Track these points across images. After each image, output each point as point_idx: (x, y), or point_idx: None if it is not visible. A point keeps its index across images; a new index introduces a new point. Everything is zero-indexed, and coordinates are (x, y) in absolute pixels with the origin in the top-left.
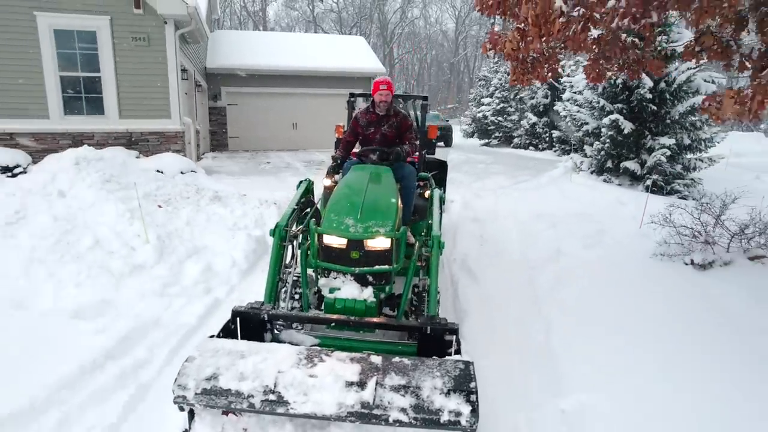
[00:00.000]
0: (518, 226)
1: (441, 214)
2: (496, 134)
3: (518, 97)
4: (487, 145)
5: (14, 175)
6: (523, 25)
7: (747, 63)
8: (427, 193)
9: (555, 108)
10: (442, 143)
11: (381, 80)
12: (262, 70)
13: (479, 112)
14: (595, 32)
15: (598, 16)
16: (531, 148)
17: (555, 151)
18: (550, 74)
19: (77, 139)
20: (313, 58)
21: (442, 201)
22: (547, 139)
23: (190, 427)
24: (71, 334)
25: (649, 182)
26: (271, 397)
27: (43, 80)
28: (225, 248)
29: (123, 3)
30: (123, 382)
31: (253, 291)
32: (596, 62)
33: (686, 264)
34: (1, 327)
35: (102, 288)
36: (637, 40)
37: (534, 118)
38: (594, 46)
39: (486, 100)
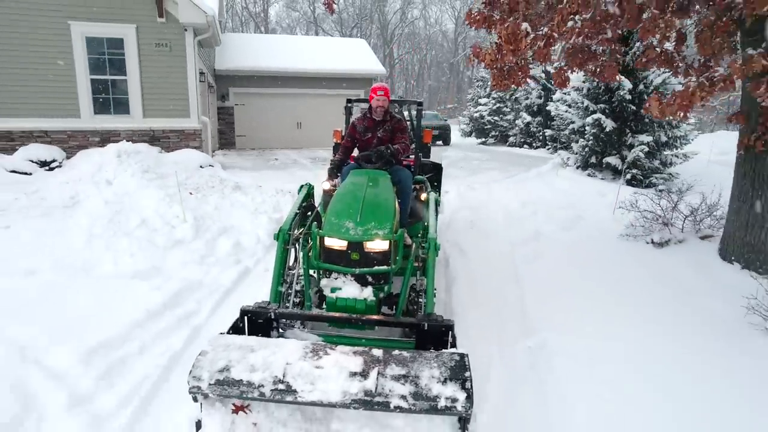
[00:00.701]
0: (505, 213)
1: (437, 216)
2: (493, 133)
3: (513, 97)
4: (484, 143)
5: (51, 169)
6: (498, 41)
7: (690, 71)
8: (423, 196)
9: (548, 108)
10: (440, 142)
11: (378, 86)
12: (268, 71)
13: (476, 112)
14: (557, 46)
15: (557, 35)
16: (525, 146)
17: (548, 149)
18: (523, 80)
19: (105, 137)
20: (316, 60)
21: (437, 203)
22: (541, 137)
23: (201, 411)
24: (134, 291)
25: (629, 176)
26: (281, 386)
27: (75, 83)
28: (250, 228)
29: (148, 12)
30: (180, 325)
31: (270, 260)
32: (561, 70)
33: (647, 243)
34: (77, 286)
35: (151, 257)
36: (600, 49)
37: (528, 118)
38: (557, 58)
39: (483, 101)
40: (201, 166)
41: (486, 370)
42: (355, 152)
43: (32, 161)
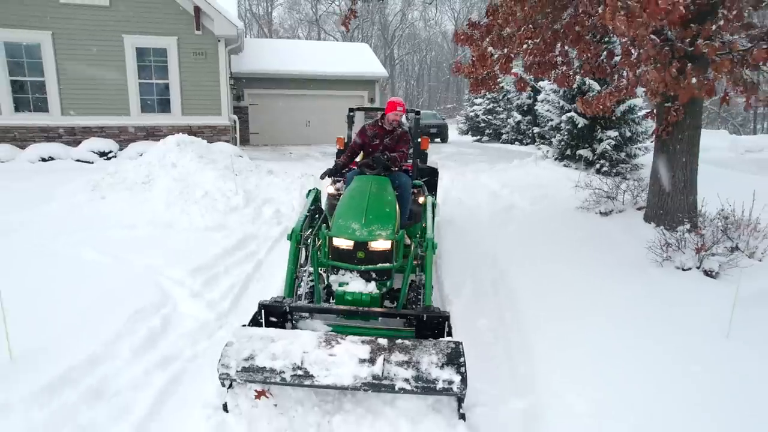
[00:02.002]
0: (488, 193)
1: (434, 218)
2: (487, 131)
3: (506, 98)
4: (479, 141)
5: (108, 158)
6: (473, 58)
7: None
8: (421, 200)
9: (536, 108)
10: (438, 139)
11: (397, 102)
12: (279, 74)
13: (472, 112)
14: (518, 62)
15: (513, 55)
16: (517, 143)
17: (536, 146)
18: (493, 87)
19: (150, 132)
20: (323, 63)
21: (434, 206)
22: (530, 134)
23: (227, 395)
24: (210, 238)
25: (598, 166)
26: (299, 372)
27: (127, 86)
28: (285, 200)
29: (187, 26)
30: (247, 258)
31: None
32: (521, 79)
33: (596, 213)
34: (168, 235)
35: (216, 218)
36: (559, 60)
37: (519, 117)
38: (518, 71)
39: (478, 101)
40: (237, 156)
41: (462, 285)
42: (358, 157)
43: (93, 152)
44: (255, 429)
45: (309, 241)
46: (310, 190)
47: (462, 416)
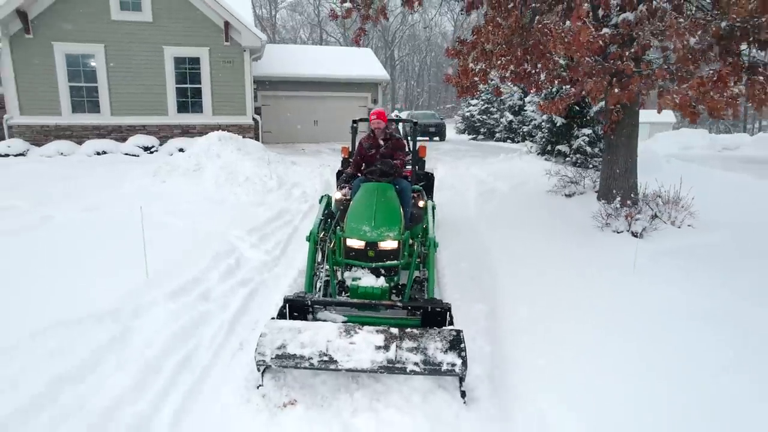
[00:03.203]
0: (476, 181)
1: (434, 220)
2: (482, 130)
3: (499, 99)
4: (474, 139)
5: (151, 152)
6: (459, 71)
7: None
8: (420, 203)
9: (525, 108)
10: (437, 138)
11: (374, 111)
12: (290, 77)
13: (468, 112)
14: (494, 73)
15: (488, 69)
16: (509, 141)
17: (526, 143)
18: (477, 94)
19: (184, 129)
20: (330, 67)
21: (433, 209)
22: (521, 133)
23: (262, 381)
24: (255, 211)
25: (574, 159)
26: (325, 358)
27: (165, 90)
28: (309, 183)
29: (217, 39)
30: (286, 225)
31: None
32: (498, 87)
33: (562, 195)
34: (221, 209)
35: (257, 196)
36: (531, 71)
37: (511, 117)
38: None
39: (474, 102)
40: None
41: (450, 242)
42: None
43: (138, 146)
44: (293, 400)
45: (325, 242)
46: (322, 197)
47: (463, 393)
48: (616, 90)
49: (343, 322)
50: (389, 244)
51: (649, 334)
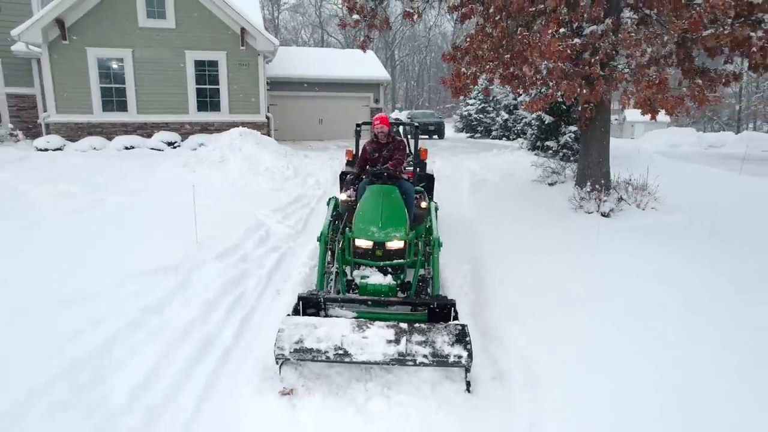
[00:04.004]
0: (469, 172)
1: (437, 220)
2: (479, 128)
3: (495, 98)
4: (471, 137)
5: (174, 147)
6: (453, 74)
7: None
8: (423, 204)
9: (518, 107)
10: (436, 136)
11: (377, 117)
12: (296, 78)
13: (465, 111)
14: (484, 76)
15: (478, 73)
16: (504, 138)
17: (518, 140)
18: (469, 94)
19: (204, 126)
20: (334, 68)
21: (436, 210)
22: (515, 131)
23: (281, 375)
24: (276, 195)
25: (561, 154)
26: (340, 351)
27: (187, 90)
28: (321, 173)
29: (234, 43)
30: (303, 206)
31: (335, 189)
32: (487, 88)
33: (545, 184)
34: (246, 193)
35: (277, 184)
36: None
37: (506, 115)
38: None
39: (471, 101)
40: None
41: (445, 222)
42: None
43: (163, 142)
44: (311, 390)
45: (335, 242)
46: (330, 199)
47: (468, 384)
48: (585, 91)
49: (353, 318)
50: (396, 244)
51: (599, 282)
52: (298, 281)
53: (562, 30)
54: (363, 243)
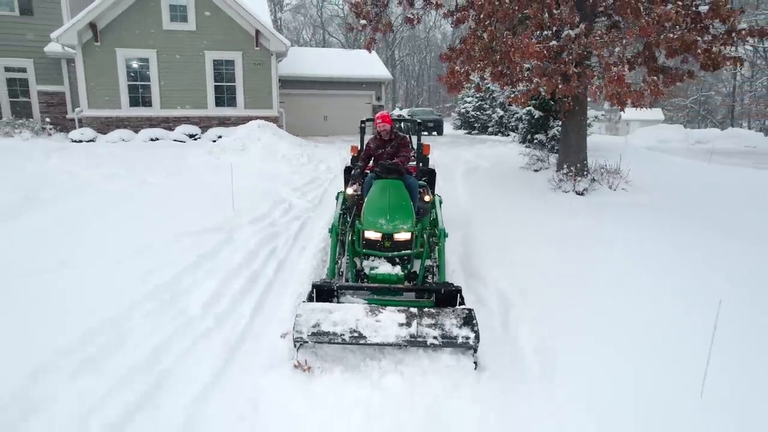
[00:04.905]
0: (464, 161)
1: (441, 212)
2: (476, 125)
3: (491, 96)
4: (469, 133)
5: (195, 139)
6: (448, 71)
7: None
8: (426, 198)
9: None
10: (435, 133)
11: (379, 115)
12: (302, 77)
13: (463, 109)
14: (475, 74)
15: (470, 71)
16: (499, 134)
17: (511, 134)
18: (461, 90)
19: (221, 120)
20: (338, 68)
21: (440, 203)
22: (510, 126)
23: (297, 357)
24: (293, 178)
25: (550, 146)
26: (355, 334)
27: (206, 87)
28: (331, 160)
29: (249, 44)
30: (318, 186)
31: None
32: (478, 85)
33: (531, 170)
34: (267, 176)
35: (292, 169)
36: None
37: (501, 112)
38: (477, 80)
39: (468, 99)
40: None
41: (443, 199)
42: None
43: (185, 134)
44: (329, 368)
45: (345, 234)
46: (338, 193)
47: (475, 363)
48: (561, 86)
49: (369, 305)
50: (403, 236)
51: (562, 240)
52: (319, 240)
53: (545, 33)
54: (372, 235)
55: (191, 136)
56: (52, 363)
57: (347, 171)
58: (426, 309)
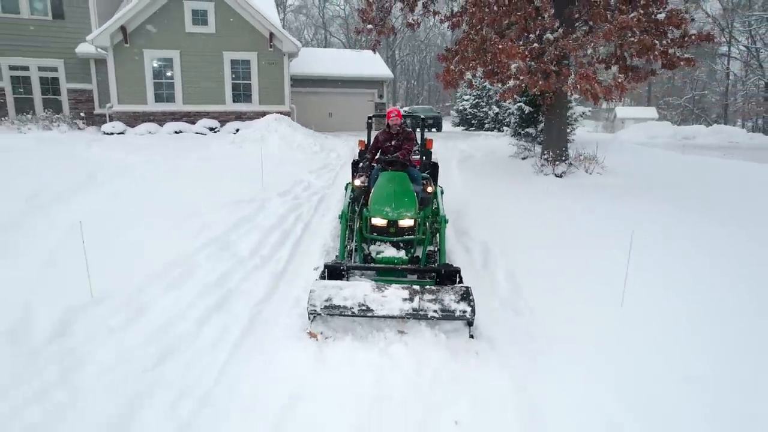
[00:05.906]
0: (459, 151)
1: (442, 201)
2: (473, 122)
3: (487, 93)
4: (466, 130)
5: (215, 132)
6: (444, 70)
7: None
8: (429, 189)
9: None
10: (434, 129)
11: (392, 110)
12: (308, 75)
13: (461, 106)
14: (469, 73)
15: (464, 70)
16: (495, 130)
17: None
18: (456, 87)
19: (238, 115)
20: (342, 67)
21: (442, 193)
22: (504, 122)
23: (311, 325)
24: (309, 163)
25: (539, 139)
26: (363, 307)
27: (224, 85)
28: (341, 149)
29: (264, 45)
30: (330, 170)
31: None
32: (471, 82)
33: (519, 159)
34: (284, 163)
35: (307, 156)
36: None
37: (497, 109)
38: (470, 78)
39: (466, 97)
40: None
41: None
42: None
43: (205, 127)
44: (341, 338)
45: (353, 221)
46: (347, 184)
47: (471, 335)
48: (541, 82)
49: (376, 283)
50: (407, 222)
51: (541, 213)
52: (336, 211)
53: (531, 36)
54: (379, 221)
55: (211, 129)
56: (148, 282)
57: (354, 164)
58: (427, 287)
